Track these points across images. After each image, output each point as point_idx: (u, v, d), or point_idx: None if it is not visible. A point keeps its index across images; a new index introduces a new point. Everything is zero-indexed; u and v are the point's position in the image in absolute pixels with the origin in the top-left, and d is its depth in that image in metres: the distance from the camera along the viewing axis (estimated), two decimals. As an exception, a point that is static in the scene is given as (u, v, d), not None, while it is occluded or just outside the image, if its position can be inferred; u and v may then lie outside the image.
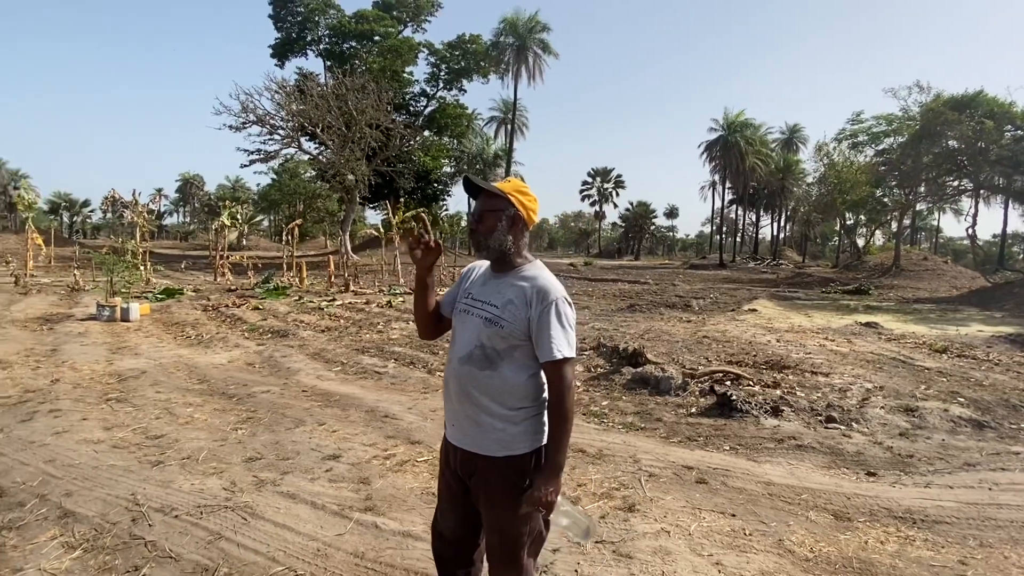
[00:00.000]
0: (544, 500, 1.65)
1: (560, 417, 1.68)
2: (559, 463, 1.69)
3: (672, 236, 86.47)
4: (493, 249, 1.74)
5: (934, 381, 6.50)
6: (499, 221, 1.73)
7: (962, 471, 3.94)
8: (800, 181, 47.65)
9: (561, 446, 1.69)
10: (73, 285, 15.11)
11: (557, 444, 1.69)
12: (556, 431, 1.69)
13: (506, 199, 1.73)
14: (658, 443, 4.41)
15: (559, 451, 1.69)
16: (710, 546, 2.87)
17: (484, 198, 1.77)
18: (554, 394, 1.68)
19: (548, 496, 1.65)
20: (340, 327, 9.86)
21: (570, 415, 1.69)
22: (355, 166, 29.65)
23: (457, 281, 1.96)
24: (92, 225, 71.21)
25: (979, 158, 21.55)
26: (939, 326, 11.75)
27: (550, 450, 1.70)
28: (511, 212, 1.74)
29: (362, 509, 3.20)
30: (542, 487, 1.65)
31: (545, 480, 1.66)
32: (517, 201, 1.74)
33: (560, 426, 1.68)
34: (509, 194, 1.74)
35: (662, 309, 13.39)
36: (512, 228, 1.75)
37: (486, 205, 1.75)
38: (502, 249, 1.74)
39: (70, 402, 5.07)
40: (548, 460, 1.70)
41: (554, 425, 1.70)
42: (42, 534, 2.84)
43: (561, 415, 1.68)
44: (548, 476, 1.67)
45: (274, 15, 36.00)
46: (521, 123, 50.70)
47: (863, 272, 29.26)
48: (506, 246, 1.74)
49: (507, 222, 1.73)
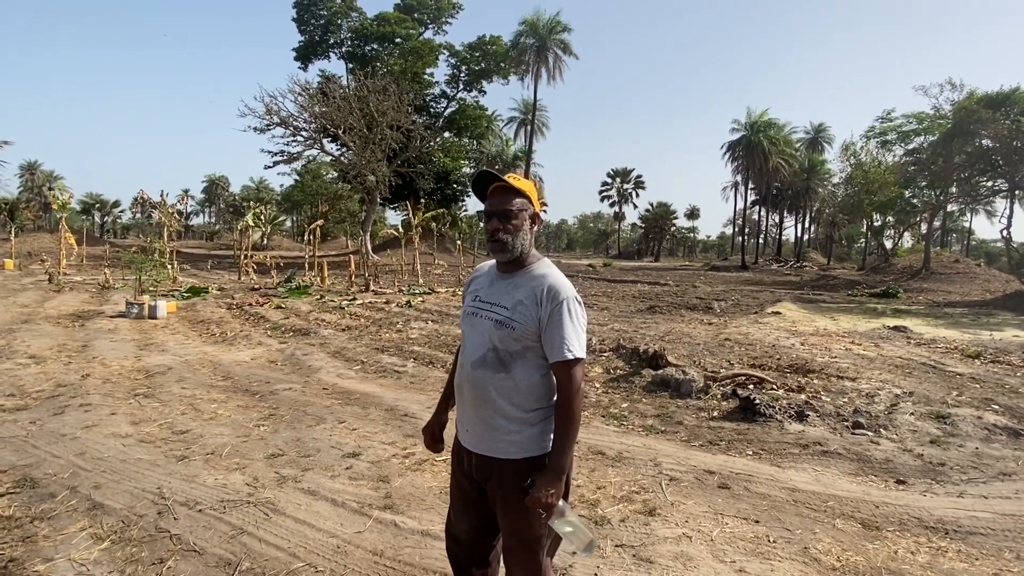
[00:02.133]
0: (544, 502, 1.61)
1: (567, 419, 1.64)
2: (562, 466, 1.65)
3: (693, 237, 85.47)
4: (517, 250, 1.71)
5: (967, 387, 6.30)
6: (525, 221, 1.71)
7: (997, 481, 3.80)
8: (825, 181, 46.72)
9: (566, 449, 1.65)
10: (104, 283, 15.52)
11: (562, 446, 1.65)
12: (562, 433, 1.65)
13: (527, 198, 1.72)
14: (679, 446, 4.35)
15: (563, 454, 1.65)
16: (733, 552, 2.81)
17: (508, 196, 1.72)
18: (562, 395, 1.65)
19: (548, 498, 1.61)
20: (360, 326, 9.94)
21: (577, 417, 1.66)
22: (376, 167, 29.95)
23: (463, 295, 1.94)
24: (122, 225, 73.24)
25: (1015, 157, 20.86)
26: (971, 331, 11.40)
27: (554, 452, 1.66)
28: (531, 211, 1.73)
29: (381, 507, 3.21)
30: (543, 488, 1.61)
31: (547, 482, 1.62)
32: (533, 199, 1.74)
33: (566, 428, 1.65)
34: (528, 192, 1.73)
35: (683, 311, 13.23)
36: (532, 227, 1.74)
37: (513, 204, 1.70)
38: (523, 249, 1.73)
39: (100, 397, 5.20)
40: (551, 462, 1.66)
41: (560, 427, 1.65)
42: (72, 525, 2.91)
43: (568, 417, 1.64)
44: (550, 478, 1.63)
45: (298, 18, 36.62)
46: (541, 123, 50.62)
47: (891, 275, 28.53)
48: (527, 246, 1.73)
49: (530, 221, 1.73)
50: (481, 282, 1.84)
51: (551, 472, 1.64)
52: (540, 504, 1.61)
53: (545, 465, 1.68)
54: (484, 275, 1.86)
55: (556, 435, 1.67)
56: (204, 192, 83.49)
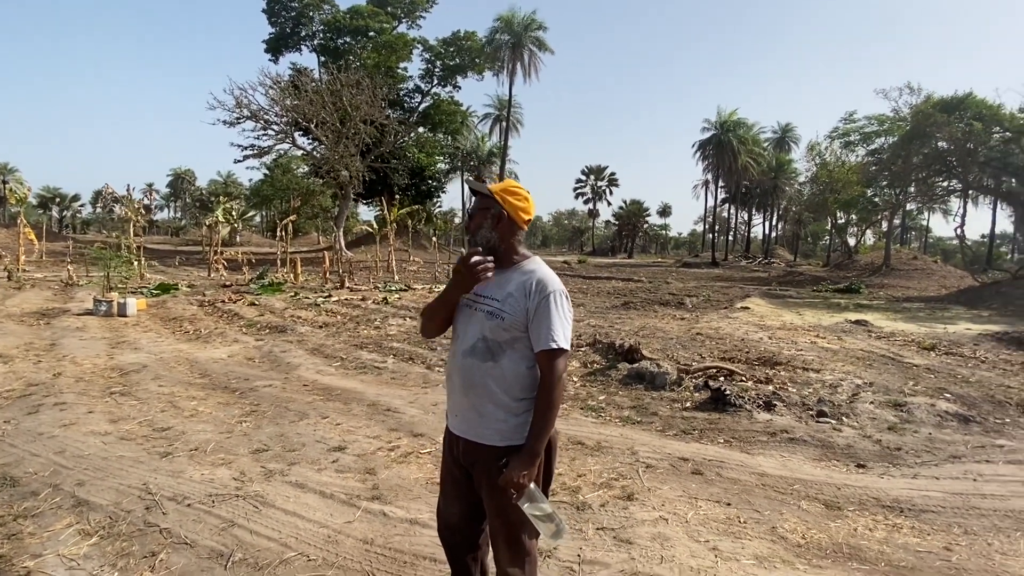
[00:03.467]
0: (516, 482, 1.70)
1: (546, 405, 1.73)
2: (536, 450, 1.73)
3: (665, 234, 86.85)
4: (481, 244, 1.84)
5: (922, 377, 6.67)
6: (484, 219, 1.83)
7: (948, 463, 4.08)
8: (792, 180, 48.01)
9: (542, 434, 1.74)
10: (67, 280, 15.04)
11: (538, 431, 1.73)
12: (539, 418, 1.74)
13: (492, 198, 1.84)
14: (654, 436, 4.53)
15: (539, 438, 1.73)
16: (706, 533, 2.98)
17: (476, 198, 1.92)
18: (545, 382, 1.74)
19: (520, 479, 1.70)
20: (337, 323, 9.91)
21: (556, 405, 1.75)
22: (349, 162, 29.62)
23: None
24: (82, 220, 70.54)
25: (968, 159, 21.82)
26: (928, 324, 11.97)
27: (530, 436, 1.74)
28: (495, 210, 1.83)
29: (369, 498, 3.29)
30: (516, 469, 1.71)
31: (520, 463, 1.71)
32: (502, 200, 1.83)
33: (544, 414, 1.73)
34: (496, 194, 1.84)
35: (656, 306, 13.53)
36: (497, 225, 1.83)
37: (476, 204, 1.89)
38: (489, 245, 1.83)
39: (74, 395, 5.12)
40: (526, 445, 1.74)
41: (539, 412, 1.74)
42: (58, 522, 2.91)
43: (548, 403, 1.73)
44: (524, 460, 1.71)
45: (268, 10, 35.80)
46: (516, 120, 50.65)
47: (854, 271, 29.58)
48: (492, 242, 1.83)
49: (491, 220, 1.83)
50: None
51: (525, 455, 1.72)
52: (512, 484, 1.70)
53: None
54: None
55: (534, 420, 1.74)
56: (169, 186, 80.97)
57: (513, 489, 1.71)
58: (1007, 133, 21.43)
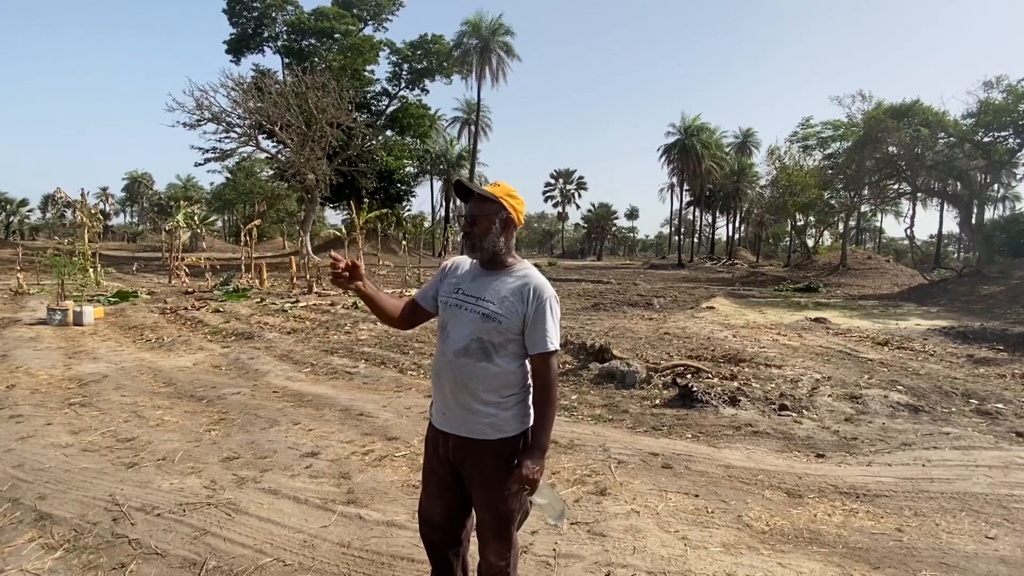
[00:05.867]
0: (530, 478, 1.80)
1: (547, 403, 1.85)
2: (544, 444, 1.86)
3: (633, 237, 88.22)
4: (487, 251, 1.86)
5: (876, 371, 6.99)
6: (493, 224, 1.85)
7: (899, 450, 4.31)
8: (753, 184, 49.50)
9: (547, 429, 1.86)
10: (16, 288, 14.37)
11: (543, 427, 1.85)
12: (542, 416, 1.85)
13: (499, 203, 1.86)
14: (625, 433, 4.64)
15: (545, 433, 1.85)
16: (676, 523, 3.09)
17: (477, 202, 1.87)
18: (544, 382, 1.84)
19: (533, 474, 1.80)
20: (306, 329, 9.77)
21: (556, 401, 1.88)
22: (316, 165, 29.17)
23: (438, 274, 2.04)
24: (30, 226, 67.30)
25: (916, 163, 22.94)
26: (881, 321, 12.54)
27: (536, 432, 1.86)
28: (504, 215, 1.86)
29: (345, 502, 3.28)
30: (529, 465, 1.80)
31: (532, 459, 1.82)
32: (508, 204, 1.87)
33: (546, 411, 1.85)
34: (501, 198, 1.86)
35: (625, 307, 13.77)
36: (504, 230, 1.88)
37: (480, 209, 1.85)
38: (495, 251, 1.87)
39: (30, 407, 4.93)
40: (535, 441, 1.86)
41: (541, 410, 1.86)
42: (19, 537, 2.81)
43: (548, 401, 1.85)
44: (535, 456, 1.83)
45: (228, 10, 34.97)
46: (485, 124, 50.79)
47: (813, 271, 30.71)
48: (499, 247, 1.87)
49: (500, 225, 1.86)
50: (463, 276, 1.94)
51: (536, 451, 1.83)
52: (527, 480, 1.79)
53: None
54: (466, 269, 1.96)
55: (537, 417, 1.86)
56: (125, 191, 78.13)
57: (528, 485, 1.79)
58: (951, 139, 22.62)
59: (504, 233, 1.87)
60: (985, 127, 21.50)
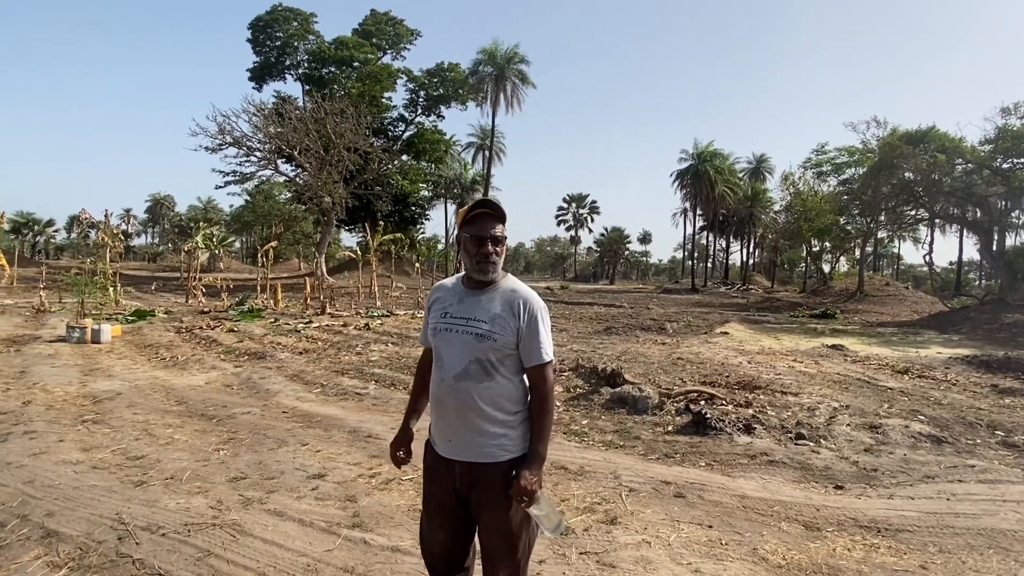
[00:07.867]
0: (528, 489, 1.76)
1: (544, 412, 1.85)
2: (542, 455, 1.85)
3: (646, 261, 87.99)
4: (499, 271, 1.90)
5: (896, 400, 6.81)
6: (503, 245, 1.90)
7: (922, 483, 4.16)
8: (767, 209, 49.26)
9: (545, 438, 1.86)
10: (39, 306, 14.68)
11: (541, 437, 1.85)
12: (540, 425, 1.85)
13: (503, 223, 1.90)
14: (637, 460, 4.54)
15: (543, 443, 1.85)
16: (689, 555, 2.99)
17: (499, 224, 1.87)
18: (541, 392, 1.84)
19: (532, 485, 1.77)
20: (318, 349, 9.81)
21: (553, 410, 1.89)
22: (332, 188, 29.69)
23: (427, 309, 2.02)
24: (56, 246, 69.04)
25: (933, 189, 22.72)
26: (901, 348, 12.26)
27: (534, 442, 1.85)
28: (505, 235, 1.91)
29: (350, 526, 3.24)
30: (527, 476, 1.77)
31: (530, 470, 1.79)
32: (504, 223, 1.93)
33: (543, 420, 1.85)
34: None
35: (637, 332, 13.65)
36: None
37: (502, 231, 1.88)
38: (499, 269, 1.91)
39: (44, 424, 4.98)
40: (533, 451, 1.83)
41: (539, 420, 1.85)
42: (25, 554, 2.81)
43: (545, 410, 1.85)
44: (533, 466, 1.81)
45: (253, 39, 36.19)
46: (498, 149, 51.42)
47: (829, 297, 30.26)
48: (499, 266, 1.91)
49: (503, 245, 1.90)
50: (448, 299, 1.93)
51: (534, 461, 1.82)
52: (525, 492, 1.76)
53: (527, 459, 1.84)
54: (450, 291, 1.95)
55: (535, 427, 1.85)
56: (148, 212, 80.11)
57: (526, 496, 1.77)
58: (969, 165, 22.40)
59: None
60: (1003, 153, 21.28)
